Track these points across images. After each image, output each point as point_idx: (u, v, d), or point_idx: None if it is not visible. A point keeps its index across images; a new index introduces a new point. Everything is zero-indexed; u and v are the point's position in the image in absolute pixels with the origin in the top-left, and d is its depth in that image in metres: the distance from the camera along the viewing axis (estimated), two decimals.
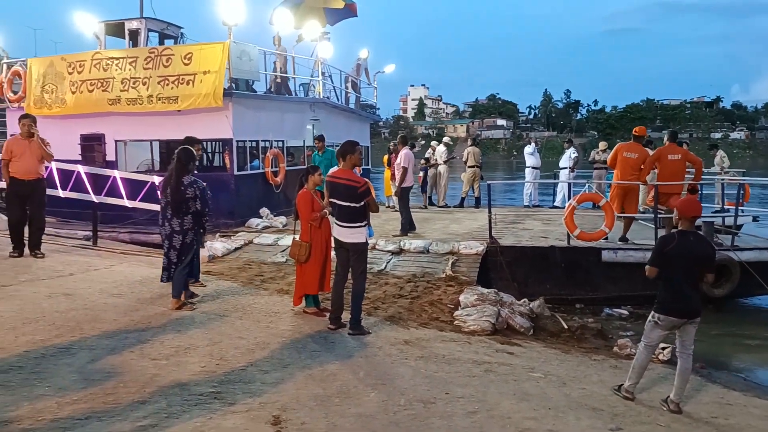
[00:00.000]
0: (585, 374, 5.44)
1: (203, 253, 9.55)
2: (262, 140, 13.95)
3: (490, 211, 10.34)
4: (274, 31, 15.05)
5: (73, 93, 13.61)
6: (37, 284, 7.10)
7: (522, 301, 7.76)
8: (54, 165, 11.69)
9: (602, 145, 16.28)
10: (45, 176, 9.05)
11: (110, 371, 4.44)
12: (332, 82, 17.16)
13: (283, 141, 14.65)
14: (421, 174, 16.85)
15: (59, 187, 12.06)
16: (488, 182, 12.45)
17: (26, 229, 8.79)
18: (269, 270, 8.99)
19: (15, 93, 14.70)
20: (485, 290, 7.75)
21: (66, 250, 9.62)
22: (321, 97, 15.87)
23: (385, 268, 9.20)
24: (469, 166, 16.33)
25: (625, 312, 9.03)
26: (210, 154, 16.06)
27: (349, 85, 18.29)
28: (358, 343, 5.81)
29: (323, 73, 16.02)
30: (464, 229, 11.97)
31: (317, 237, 6.58)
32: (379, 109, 21.97)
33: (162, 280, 6.57)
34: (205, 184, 6.78)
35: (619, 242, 9.70)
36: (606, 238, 9.57)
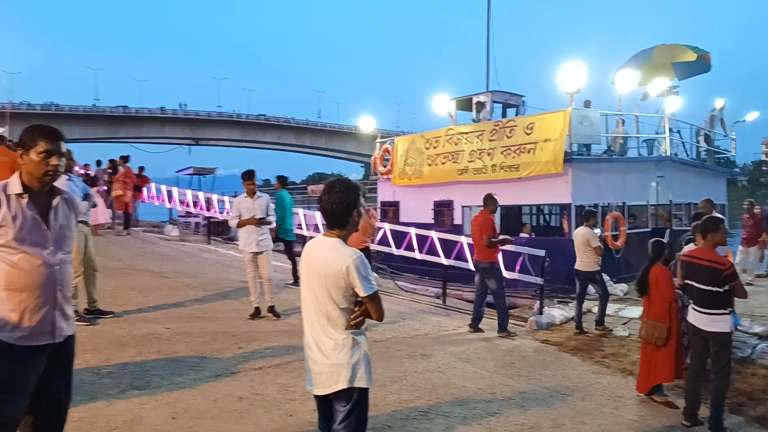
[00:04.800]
0: None
1: (540, 319, 9.60)
2: (602, 203, 13.61)
3: None
4: (617, 92, 14.56)
5: (430, 165, 15.24)
6: (401, 344, 7.92)
7: None
8: (413, 231, 13.10)
9: None
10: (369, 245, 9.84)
11: None
12: (680, 137, 15.83)
13: (623, 202, 14.00)
14: None
15: (416, 249, 13.35)
16: None
17: None
18: (610, 344, 8.53)
19: (385, 167, 17.12)
20: None
21: (421, 308, 10.47)
22: (668, 154, 14.74)
23: (751, 355, 7.92)
24: None
25: None
26: (547, 216, 16.19)
27: (701, 138, 16.61)
28: None
29: (670, 129, 14.87)
30: None
31: (676, 319, 6.11)
32: (734, 155, 19.43)
33: None
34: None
35: None
36: None
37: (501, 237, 9.02)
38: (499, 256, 9.21)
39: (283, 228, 11.21)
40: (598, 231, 9.10)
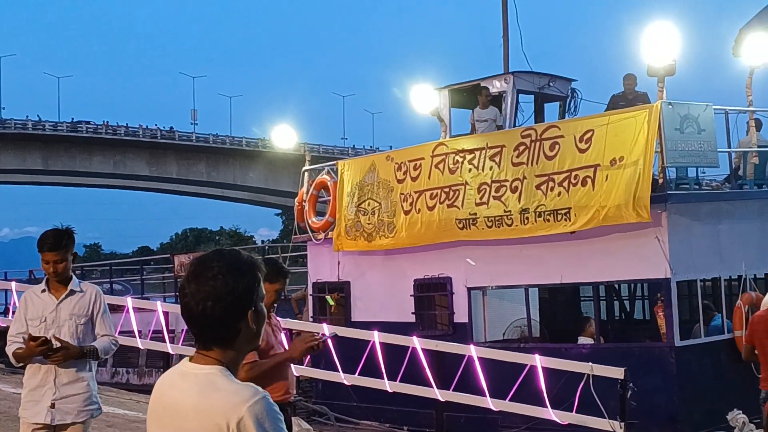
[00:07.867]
0: None
1: None
2: (725, 276, 12.76)
3: None
4: (747, 66, 13.74)
5: (407, 213, 14.32)
6: None
7: None
8: (377, 338, 12.31)
9: None
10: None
11: None
12: None
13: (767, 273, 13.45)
14: None
15: (385, 376, 12.36)
16: None
17: None
18: None
19: (320, 217, 16.04)
20: None
21: None
22: None
23: None
24: None
25: None
26: (626, 303, 15.60)
27: None
28: None
29: None
30: None
31: None
32: None
33: None
34: None
35: None
36: None
37: None
38: None
39: None
40: None
